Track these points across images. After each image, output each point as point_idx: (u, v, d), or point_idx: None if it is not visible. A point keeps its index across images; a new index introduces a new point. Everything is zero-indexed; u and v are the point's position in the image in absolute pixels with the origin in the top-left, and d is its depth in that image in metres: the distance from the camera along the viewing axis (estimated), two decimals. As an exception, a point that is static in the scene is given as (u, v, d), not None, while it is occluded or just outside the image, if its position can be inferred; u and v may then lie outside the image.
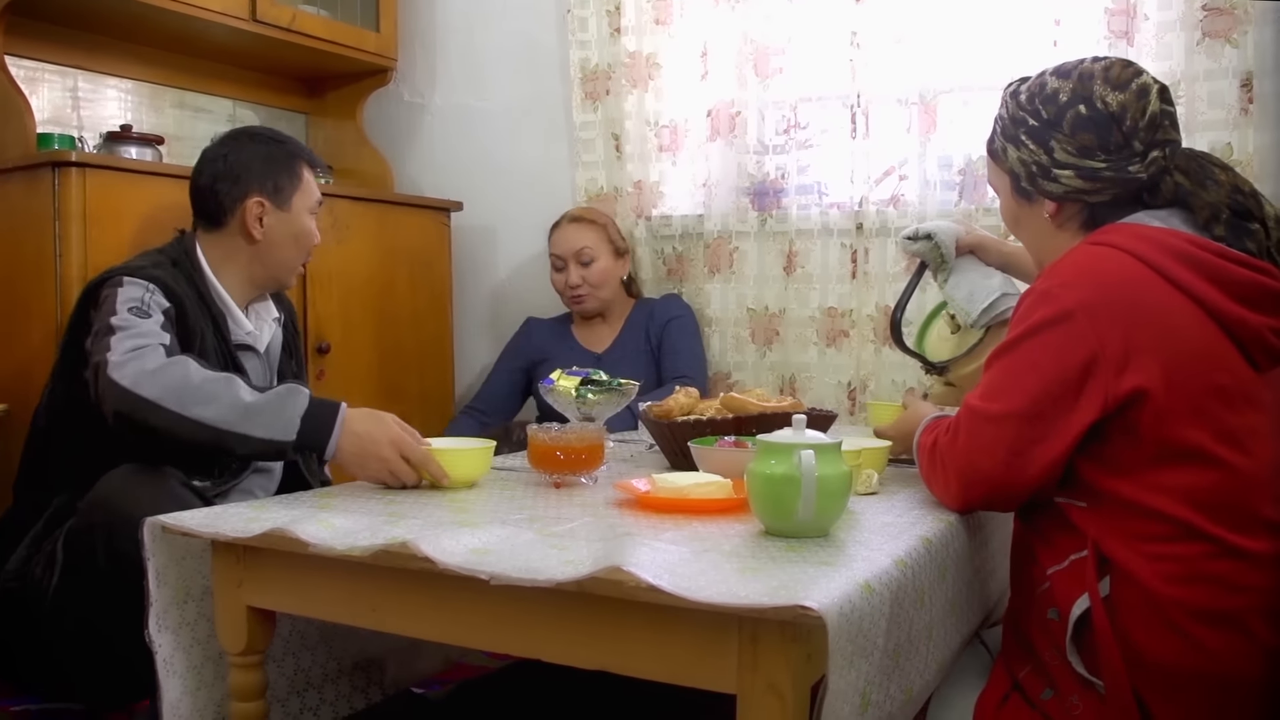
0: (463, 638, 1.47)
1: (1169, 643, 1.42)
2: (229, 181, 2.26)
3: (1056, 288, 1.49)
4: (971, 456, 1.53)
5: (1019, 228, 1.73)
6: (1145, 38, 2.64)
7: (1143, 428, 1.45)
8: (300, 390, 1.87)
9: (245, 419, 1.83)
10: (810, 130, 3.12)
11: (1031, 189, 1.64)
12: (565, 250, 3.10)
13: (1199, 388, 1.45)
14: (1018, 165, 1.64)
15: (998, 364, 1.54)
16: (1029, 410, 1.47)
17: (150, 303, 2.03)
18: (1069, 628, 1.47)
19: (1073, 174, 1.58)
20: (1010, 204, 1.71)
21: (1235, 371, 1.48)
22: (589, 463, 1.84)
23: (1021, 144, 1.62)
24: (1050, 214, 1.64)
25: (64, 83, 3.01)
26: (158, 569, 1.60)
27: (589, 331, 3.18)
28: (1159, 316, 1.46)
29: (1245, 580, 1.44)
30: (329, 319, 3.07)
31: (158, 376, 1.86)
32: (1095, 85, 1.57)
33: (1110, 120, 1.55)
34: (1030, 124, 1.61)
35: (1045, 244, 1.68)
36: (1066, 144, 1.58)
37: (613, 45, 3.30)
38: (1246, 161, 2.54)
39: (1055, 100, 1.59)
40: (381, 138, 3.76)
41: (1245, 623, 1.43)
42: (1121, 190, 1.57)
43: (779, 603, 1.10)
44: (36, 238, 2.47)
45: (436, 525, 1.49)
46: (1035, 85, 1.64)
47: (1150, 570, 1.43)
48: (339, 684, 1.97)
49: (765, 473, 1.41)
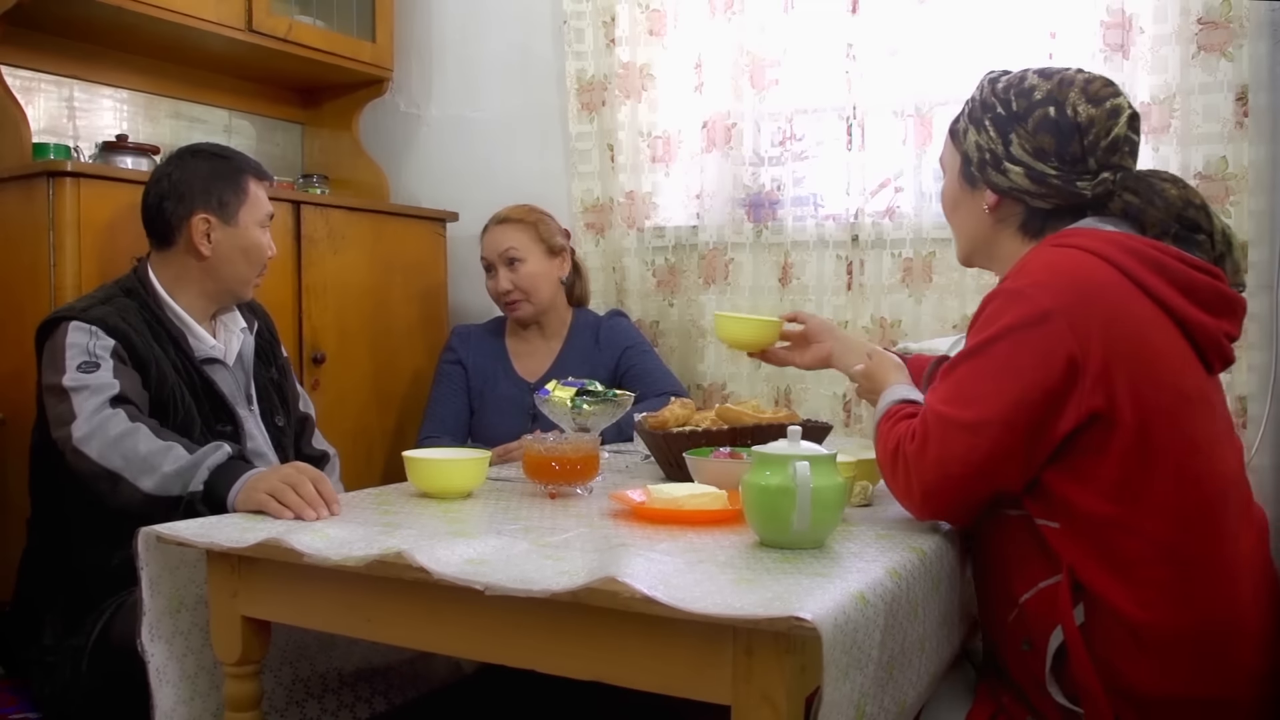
0: (457, 648, 1.47)
1: (1149, 669, 1.41)
2: (174, 200, 2.25)
3: (1029, 288, 1.46)
4: (944, 467, 1.47)
5: (955, 211, 1.74)
6: (1140, 51, 2.65)
7: (1118, 440, 1.42)
8: (220, 447, 1.90)
9: (173, 480, 1.86)
10: (806, 142, 3.13)
11: (979, 175, 1.64)
12: (491, 252, 2.96)
13: (1170, 396, 1.44)
14: (973, 149, 1.64)
15: (966, 367, 1.49)
16: (1008, 417, 1.43)
17: (95, 349, 2.05)
18: (1047, 660, 1.46)
19: (1022, 172, 1.59)
20: (954, 186, 1.72)
21: (1196, 376, 1.49)
22: (584, 473, 1.84)
23: (983, 129, 1.63)
24: (989, 206, 1.64)
25: (60, 92, 3.01)
26: (151, 578, 1.60)
27: (524, 349, 3.01)
28: (1132, 323, 1.46)
29: (1223, 599, 1.43)
30: (324, 329, 3.07)
31: (119, 446, 1.92)
32: (1071, 93, 1.57)
33: (1075, 130, 1.56)
34: (998, 112, 1.62)
35: (978, 235, 1.69)
36: (1025, 141, 1.59)
37: (608, 56, 3.30)
38: (1241, 175, 2.54)
39: (1029, 96, 1.60)
40: (377, 148, 3.76)
41: (1228, 645, 1.42)
42: (1063, 201, 1.58)
43: (774, 614, 1.10)
44: (32, 248, 2.46)
45: (431, 536, 1.49)
46: (1015, 77, 1.64)
47: (1128, 595, 1.41)
48: (340, 694, 1.97)
49: (760, 484, 1.41)
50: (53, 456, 2.10)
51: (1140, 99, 2.64)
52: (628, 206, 3.28)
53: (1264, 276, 2.59)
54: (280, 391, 2.43)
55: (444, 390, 2.99)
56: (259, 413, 2.34)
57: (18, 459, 2.30)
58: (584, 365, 2.90)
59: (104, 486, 1.91)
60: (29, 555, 2.24)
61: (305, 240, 3.00)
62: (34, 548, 2.23)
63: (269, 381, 2.41)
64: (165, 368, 2.14)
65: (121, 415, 1.96)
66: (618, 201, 3.29)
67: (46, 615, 2.13)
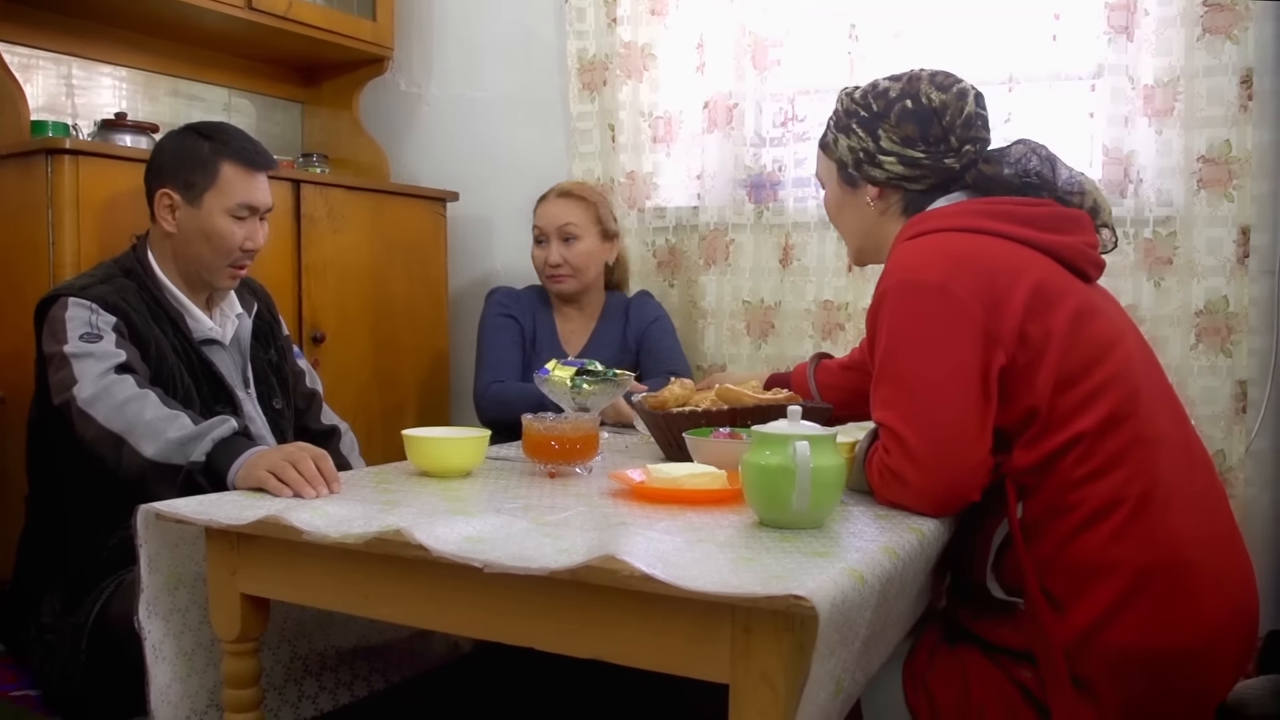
0: (456, 626, 1.47)
1: (1087, 541, 1.51)
2: (152, 172, 2.26)
3: (911, 275, 1.59)
4: (938, 451, 1.50)
5: (840, 214, 1.90)
6: (1145, 33, 2.64)
7: (1040, 349, 1.54)
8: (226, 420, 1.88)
9: (177, 451, 1.85)
10: (808, 123, 3.12)
11: (857, 174, 1.81)
12: (548, 224, 2.92)
13: (1067, 308, 1.57)
14: (846, 153, 1.82)
15: (900, 362, 1.56)
16: (967, 380, 1.51)
17: (97, 323, 2.05)
18: (991, 555, 1.58)
19: (895, 160, 1.76)
20: (835, 192, 1.89)
21: (1077, 290, 1.62)
22: (584, 453, 1.84)
23: (852, 133, 1.80)
24: (872, 199, 1.80)
25: (58, 70, 3.00)
26: (150, 555, 1.60)
27: (567, 325, 3.01)
28: (1007, 260, 1.59)
29: (1154, 464, 1.53)
30: (324, 309, 3.06)
31: (125, 410, 1.91)
32: (921, 85, 1.75)
33: (932, 114, 1.73)
34: (861, 115, 1.80)
35: (866, 229, 1.85)
36: (892, 133, 1.76)
37: (609, 36, 3.29)
38: (1245, 159, 2.54)
39: (885, 96, 1.78)
40: (377, 127, 3.75)
41: (1160, 509, 1.51)
42: (936, 179, 1.75)
43: (772, 592, 1.10)
44: (31, 225, 2.46)
45: (431, 513, 1.49)
46: (868, 86, 1.82)
47: (1065, 482, 1.53)
48: (339, 672, 1.97)
49: (760, 463, 1.41)
50: (50, 434, 2.10)
51: (1144, 81, 2.64)
52: (629, 187, 3.28)
53: (1266, 261, 2.59)
54: (279, 374, 2.42)
55: (503, 340, 2.93)
56: (256, 395, 2.33)
57: (17, 438, 2.30)
58: (616, 342, 2.95)
59: (107, 450, 1.90)
60: (28, 534, 2.24)
61: (305, 219, 3.00)
62: (33, 527, 2.23)
63: (267, 364, 2.40)
64: (164, 348, 2.14)
65: (129, 380, 1.96)
66: (618, 182, 3.28)
67: (45, 593, 2.14)
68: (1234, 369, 2.56)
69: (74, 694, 2.03)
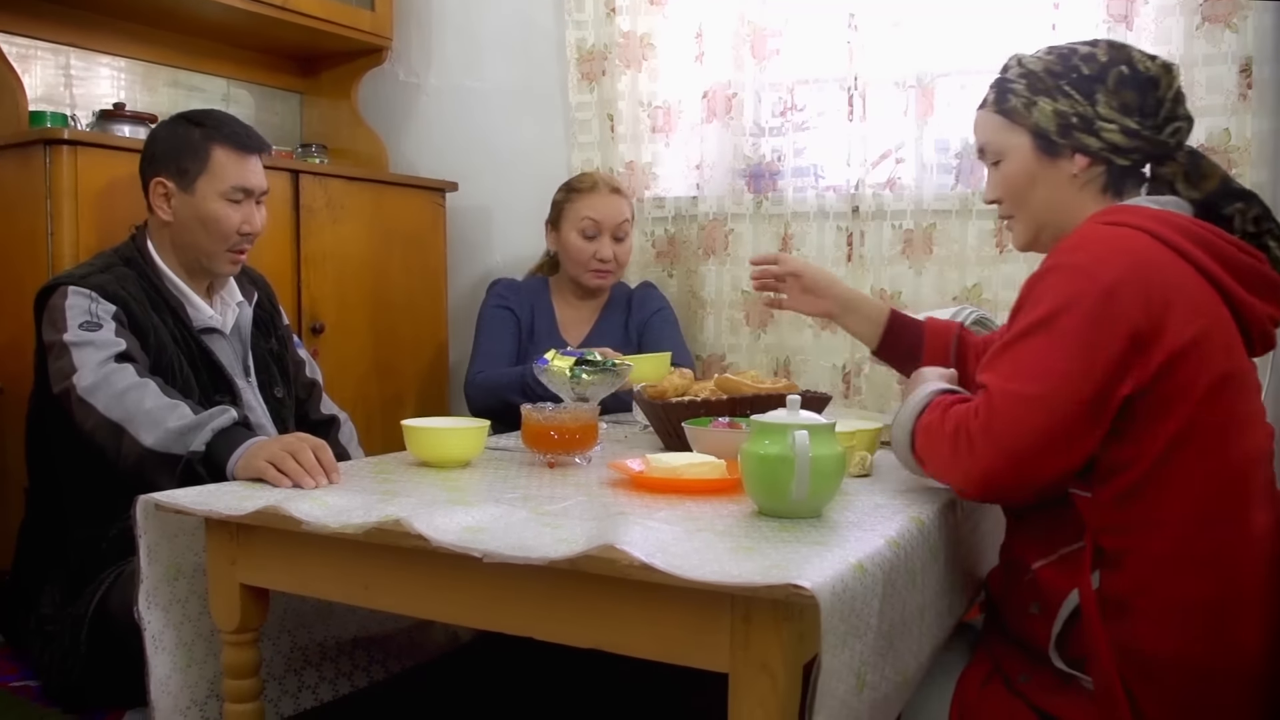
0: (456, 616, 1.47)
1: (1156, 633, 1.42)
2: (145, 162, 2.26)
3: (1090, 263, 1.45)
4: (1014, 442, 1.43)
5: (1031, 189, 1.66)
6: (1144, 21, 2.63)
7: (1171, 412, 1.42)
8: (227, 410, 1.89)
9: (176, 440, 1.85)
10: (807, 113, 3.11)
11: (1065, 142, 1.60)
12: (608, 219, 2.89)
13: (1219, 374, 1.44)
14: (1051, 119, 1.60)
15: (1028, 343, 1.46)
16: (1076, 390, 1.41)
17: (97, 312, 2.05)
18: (1056, 625, 1.47)
19: (1116, 129, 1.57)
20: (1026, 164, 1.65)
21: (1241, 357, 1.50)
22: (583, 443, 1.84)
23: (1063, 94, 1.60)
24: (1079, 170, 1.61)
25: (57, 60, 2.99)
26: (149, 545, 1.60)
27: (570, 314, 3.00)
28: (1189, 293, 1.45)
29: (1233, 570, 1.43)
30: (323, 299, 3.06)
31: (125, 399, 1.91)
32: (1133, 52, 1.60)
33: (1150, 83, 1.58)
34: (1073, 77, 1.60)
35: (1060, 205, 1.64)
36: (1110, 99, 1.58)
37: (608, 25, 3.28)
38: (1244, 147, 2.54)
39: (1095, 60, 1.59)
40: (376, 118, 3.74)
41: (1234, 615, 1.43)
42: (1147, 156, 1.59)
43: (772, 581, 1.10)
44: (29, 216, 2.46)
45: (430, 504, 1.49)
46: (1065, 49, 1.63)
47: (1146, 562, 1.42)
48: (338, 662, 1.97)
49: (759, 453, 1.41)
50: (49, 425, 2.10)
51: (1143, 70, 2.63)
52: (627, 177, 3.27)
53: (1266, 249, 2.58)
54: (280, 363, 2.42)
55: (498, 331, 2.93)
56: (257, 384, 2.33)
57: (16, 428, 2.30)
58: (619, 332, 2.94)
59: (106, 439, 1.90)
60: (27, 525, 2.24)
61: (304, 210, 2.99)
62: (32, 518, 2.23)
63: (267, 353, 2.40)
64: (164, 337, 2.14)
65: (129, 370, 1.96)
66: (617, 172, 3.28)
67: (45, 585, 2.14)
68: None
69: (74, 685, 2.03)
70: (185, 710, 1.66)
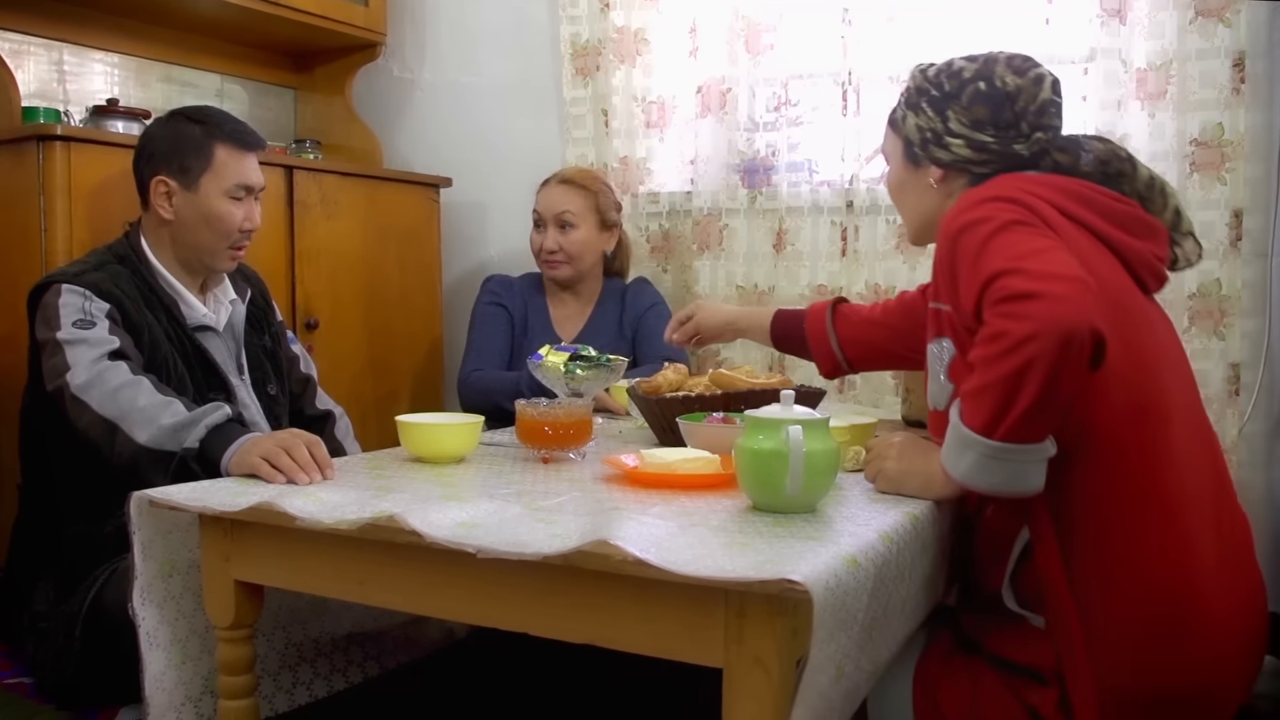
0: (450, 611, 1.47)
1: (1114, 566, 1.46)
2: (144, 160, 2.25)
3: (983, 200, 1.51)
4: (1062, 268, 1.36)
5: (902, 193, 1.84)
6: (1138, 16, 2.63)
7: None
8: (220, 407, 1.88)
9: (171, 437, 1.84)
10: (801, 107, 3.12)
11: (922, 154, 1.75)
12: (546, 210, 2.92)
13: (1110, 307, 1.46)
14: (913, 132, 1.75)
15: (997, 253, 1.41)
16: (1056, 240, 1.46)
17: (91, 310, 2.04)
18: (1010, 564, 1.52)
19: (963, 144, 1.69)
20: (899, 170, 1.82)
21: (1133, 294, 1.58)
22: (577, 438, 1.84)
23: (921, 111, 1.74)
24: (936, 180, 1.74)
25: (50, 56, 2.98)
26: (143, 542, 1.60)
27: (562, 311, 3.01)
28: (1074, 245, 1.51)
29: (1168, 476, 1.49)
30: (317, 295, 3.06)
31: (118, 397, 1.91)
32: (998, 68, 1.69)
33: (1005, 99, 1.67)
34: (932, 94, 1.73)
35: (926, 210, 1.78)
36: (962, 115, 1.70)
37: (602, 20, 3.28)
38: (1238, 142, 2.54)
39: (959, 76, 1.71)
40: (371, 113, 3.74)
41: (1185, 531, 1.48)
42: (1003, 165, 1.68)
43: (766, 577, 1.10)
44: (22, 212, 2.45)
45: (424, 499, 1.49)
46: (943, 64, 1.76)
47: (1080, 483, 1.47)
48: (333, 658, 1.97)
49: (753, 448, 1.41)
50: (43, 421, 2.09)
51: (1137, 64, 2.63)
52: (622, 172, 3.27)
53: (1259, 244, 2.59)
54: (273, 360, 2.42)
55: (491, 328, 2.94)
56: (250, 382, 2.33)
57: (9, 425, 2.30)
58: (612, 328, 2.95)
59: (100, 437, 1.90)
60: (21, 522, 2.24)
61: (298, 206, 2.99)
62: (26, 514, 2.23)
63: (261, 350, 2.40)
64: (157, 335, 2.14)
65: (123, 367, 1.96)
66: (612, 167, 3.27)
67: (39, 581, 2.14)
68: (1227, 352, 2.57)
69: (68, 682, 2.03)
70: (180, 707, 1.66)
